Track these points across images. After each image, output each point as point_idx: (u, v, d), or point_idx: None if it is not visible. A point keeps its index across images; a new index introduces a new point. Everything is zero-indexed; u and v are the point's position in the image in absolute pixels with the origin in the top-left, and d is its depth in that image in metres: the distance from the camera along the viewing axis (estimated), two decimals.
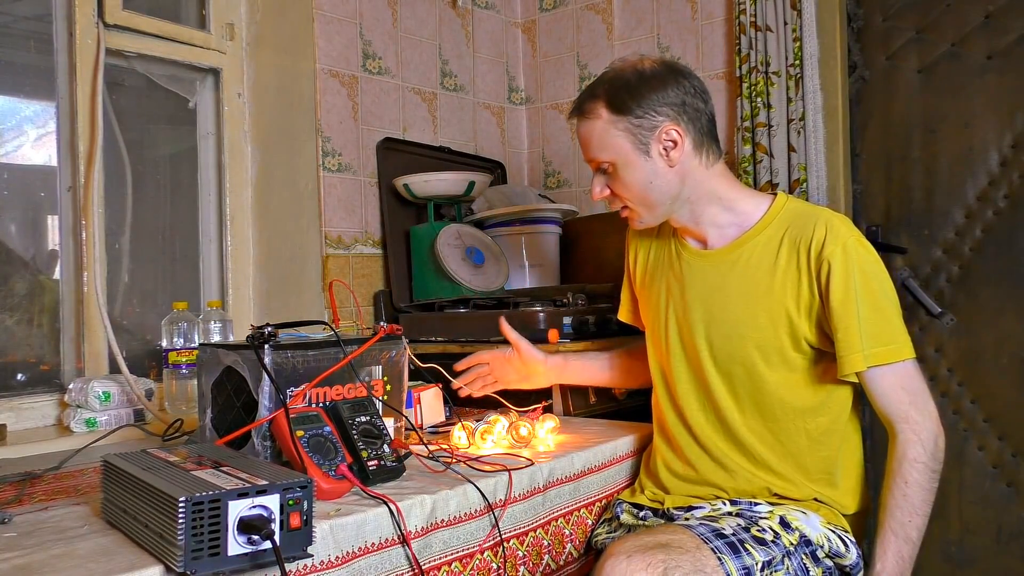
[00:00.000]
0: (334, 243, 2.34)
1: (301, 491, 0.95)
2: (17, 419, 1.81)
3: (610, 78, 1.41)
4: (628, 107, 1.37)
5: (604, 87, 1.41)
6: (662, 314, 1.52)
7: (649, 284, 1.58)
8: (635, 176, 1.40)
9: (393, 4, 2.55)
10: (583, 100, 1.43)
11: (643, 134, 1.38)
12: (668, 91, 1.38)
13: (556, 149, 2.91)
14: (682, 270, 1.49)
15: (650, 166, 1.39)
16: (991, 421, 2.22)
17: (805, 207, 1.43)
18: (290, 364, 1.30)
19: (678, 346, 1.48)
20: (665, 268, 1.54)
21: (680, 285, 1.49)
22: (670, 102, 1.37)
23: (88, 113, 1.94)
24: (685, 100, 1.38)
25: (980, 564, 2.24)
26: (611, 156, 1.40)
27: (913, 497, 1.30)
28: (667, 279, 1.52)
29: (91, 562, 0.93)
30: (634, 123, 1.37)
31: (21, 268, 1.97)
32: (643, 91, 1.37)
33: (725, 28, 2.49)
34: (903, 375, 1.33)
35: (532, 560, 1.39)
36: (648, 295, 1.58)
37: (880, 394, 1.33)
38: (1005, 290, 2.19)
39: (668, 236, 1.55)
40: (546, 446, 1.55)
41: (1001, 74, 2.18)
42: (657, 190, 1.41)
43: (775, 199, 1.45)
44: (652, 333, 1.56)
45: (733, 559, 1.21)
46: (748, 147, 2.32)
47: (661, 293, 1.53)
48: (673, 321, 1.49)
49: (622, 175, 1.41)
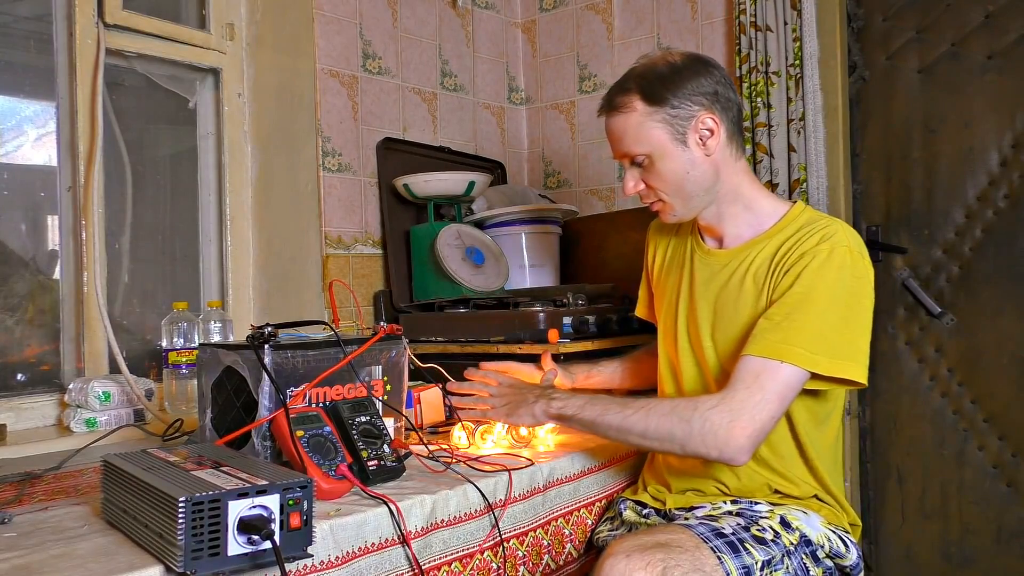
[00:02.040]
0: (334, 243, 2.33)
1: (301, 491, 0.95)
2: (17, 419, 1.81)
3: (641, 72, 1.41)
4: (664, 98, 1.38)
5: (636, 80, 1.40)
6: (673, 310, 1.53)
7: (664, 280, 1.59)
8: (672, 167, 1.40)
9: (393, 4, 2.55)
10: (614, 95, 1.42)
11: (680, 124, 1.38)
12: (702, 80, 1.39)
13: (556, 149, 2.91)
14: (694, 267, 1.50)
15: (687, 156, 1.39)
16: (991, 421, 2.22)
17: (815, 216, 1.42)
18: (290, 364, 1.30)
19: (686, 342, 1.49)
20: (679, 265, 1.55)
21: (691, 282, 1.50)
22: (704, 91, 1.38)
23: (88, 113, 1.94)
24: (718, 90, 1.39)
25: (980, 564, 2.24)
26: (647, 148, 1.39)
27: (647, 407, 1.31)
28: (680, 276, 1.54)
29: (91, 562, 0.94)
30: (671, 113, 1.38)
31: (21, 268, 1.97)
32: (678, 81, 1.38)
33: (725, 28, 2.49)
34: (770, 374, 1.26)
35: (532, 560, 1.39)
36: (662, 291, 1.59)
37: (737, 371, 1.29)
38: (1005, 290, 2.19)
39: (686, 234, 1.56)
40: (546, 446, 1.55)
41: (1001, 74, 2.18)
42: (693, 181, 1.41)
43: (793, 206, 1.45)
44: (664, 328, 1.57)
45: (733, 558, 1.21)
46: (748, 147, 2.32)
47: (673, 290, 1.55)
48: (683, 318, 1.50)
49: (659, 167, 1.40)
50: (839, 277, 1.30)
